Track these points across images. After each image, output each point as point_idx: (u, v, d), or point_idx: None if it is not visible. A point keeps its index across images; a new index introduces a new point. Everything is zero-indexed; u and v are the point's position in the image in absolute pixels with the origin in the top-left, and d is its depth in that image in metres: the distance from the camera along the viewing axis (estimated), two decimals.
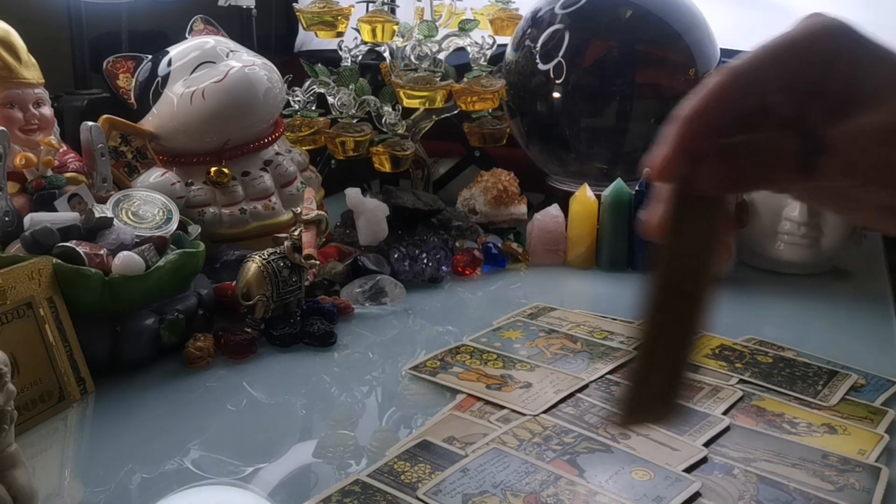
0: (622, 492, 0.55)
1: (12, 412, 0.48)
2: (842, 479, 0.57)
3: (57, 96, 1.08)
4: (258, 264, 0.79)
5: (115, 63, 0.98)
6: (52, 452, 0.63)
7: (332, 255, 0.97)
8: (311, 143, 1.13)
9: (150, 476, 0.59)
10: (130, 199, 0.83)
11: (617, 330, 0.83)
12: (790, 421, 0.65)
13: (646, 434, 0.63)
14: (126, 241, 0.76)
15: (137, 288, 0.73)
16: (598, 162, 1.16)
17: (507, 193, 1.11)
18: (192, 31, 1.03)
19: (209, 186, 0.94)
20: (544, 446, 0.61)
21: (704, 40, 1.13)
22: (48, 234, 0.72)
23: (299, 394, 0.72)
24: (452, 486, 0.55)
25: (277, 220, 0.96)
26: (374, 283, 0.92)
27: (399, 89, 1.11)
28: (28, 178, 0.81)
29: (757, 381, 0.72)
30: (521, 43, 1.16)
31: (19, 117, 0.83)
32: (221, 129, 0.94)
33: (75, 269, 0.70)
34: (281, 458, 0.60)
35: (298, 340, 0.81)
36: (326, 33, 1.19)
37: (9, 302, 0.65)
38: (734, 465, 0.59)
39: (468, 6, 1.24)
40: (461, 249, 1.02)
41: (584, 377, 0.72)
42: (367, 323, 0.87)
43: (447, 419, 0.65)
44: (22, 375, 0.64)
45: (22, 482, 0.49)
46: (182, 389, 0.72)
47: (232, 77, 0.93)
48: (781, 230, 0.99)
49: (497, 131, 1.20)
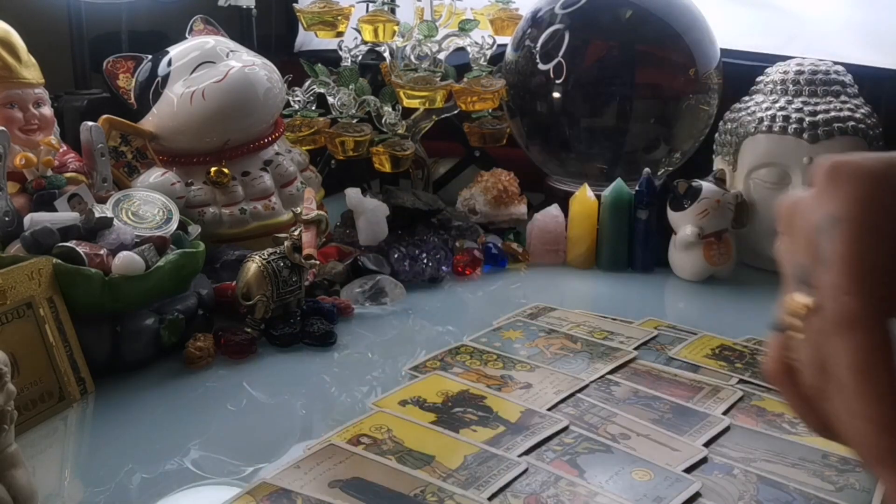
0: (622, 492, 0.55)
1: (12, 412, 0.48)
2: (842, 479, 0.57)
3: (57, 96, 1.08)
4: (258, 264, 0.79)
5: (115, 63, 0.98)
6: (52, 452, 0.63)
7: (332, 255, 0.97)
8: (311, 143, 1.13)
9: (150, 476, 0.59)
10: (130, 199, 0.83)
11: (617, 330, 0.83)
12: (790, 421, 0.65)
13: (646, 434, 0.63)
14: (126, 241, 0.76)
15: (137, 288, 0.73)
16: (598, 162, 1.16)
17: (507, 193, 1.11)
18: (192, 31, 1.03)
19: (209, 186, 0.94)
20: (544, 447, 0.61)
21: (704, 40, 1.13)
22: (48, 234, 0.72)
23: (299, 394, 0.72)
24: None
25: (277, 220, 0.96)
26: (374, 283, 0.92)
27: (399, 89, 1.11)
28: (28, 178, 0.81)
29: (757, 381, 0.72)
30: (521, 43, 1.16)
31: (19, 117, 0.83)
32: (221, 129, 0.94)
33: (75, 269, 0.70)
34: (281, 458, 0.60)
35: (298, 340, 0.81)
36: (326, 33, 1.19)
37: (9, 302, 0.65)
38: (734, 465, 0.59)
39: (468, 6, 1.24)
40: (461, 249, 1.02)
41: (584, 377, 0.72)
42: (367, 323, 0.87)
43: None
44: (22, 375, 0.64)
45: (22, 482, 0.49)
46: (182, 389, 0.72)
47: (232, 77, 0.93)
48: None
49: (497, 131, 1.20)
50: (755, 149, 1.00)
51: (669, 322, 0.85)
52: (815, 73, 1.00)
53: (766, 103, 1.00)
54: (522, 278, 1.02)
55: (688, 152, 1.17)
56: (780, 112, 0.98)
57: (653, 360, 0.77)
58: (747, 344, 0.80)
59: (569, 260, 1.05)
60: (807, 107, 0.98)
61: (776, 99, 1.00)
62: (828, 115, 0.96)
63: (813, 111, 0.97)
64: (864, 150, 0.96)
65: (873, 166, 0.28)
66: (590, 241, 1.04)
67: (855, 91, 1.01)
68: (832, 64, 1.02)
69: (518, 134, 1.21)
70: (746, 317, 0.88)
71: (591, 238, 1.04)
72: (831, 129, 0.96)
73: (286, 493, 0.54)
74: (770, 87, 1.02)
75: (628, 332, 0.82)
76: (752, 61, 1.17)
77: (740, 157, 1.01)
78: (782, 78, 1.01)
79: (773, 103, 1.00)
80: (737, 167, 1.02)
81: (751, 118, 1.00)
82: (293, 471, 0.56)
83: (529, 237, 1.07)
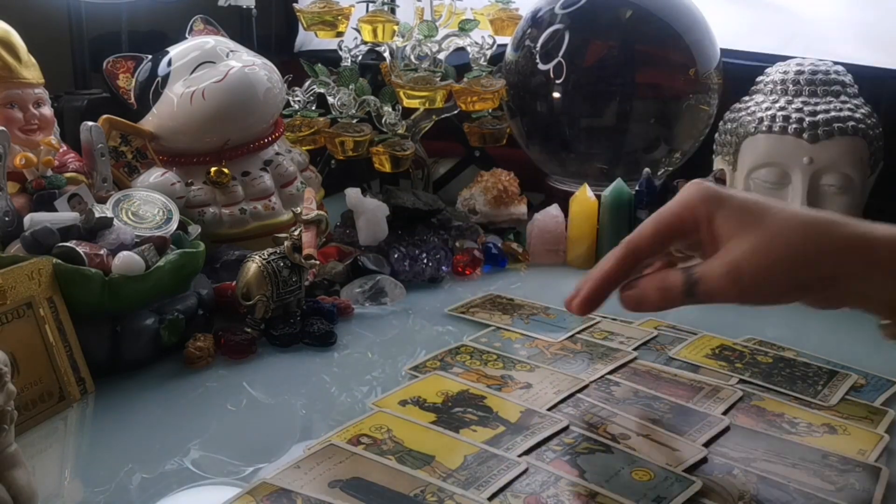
0: (622, 492, 0.55)
1: (12, 412, 0.48)
2: (842, 479, 0.57)
3: (57, 96, 1.08)
4: (258, 264, 0.79)
5: (115, 63, 0.98)
6: (52, 452, 0.63)
7: (332, 255, 0.97)
8: (311, 143, 1.13)
9: (150, 476, 0.59)
10: (130, 199, 0.83)
11: (617, 330, 0.83)
12: (790, 421, 0.65)
13: (646, 434, 0.63)
14: (126, 241, 0.76)
15: (137, 288, 0.73)
16: (598, 162, 1.16)
17: (507, 193, 1.11)
18: (192, 31, 1.03)
19: (209, 186, 0.94)
20: (544, 447, 0.61)
21: (704, 40, 1.13)
22: (48, 234, 0.72)
23: (299, 394, 0.72)
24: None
25: (277, 220, 0.96)
26: (374, 283, 0.92)
27: (399, 89, 1.11)
28: (28, 178, 0.81)
29: (757, 381, 0.72)
30: (521, 43, 1.16)
31: (19, 117, 0.83)
32: (221, 129, 0.94)
33: (75, 269, 0.70)
34: (281, 458, 0.60)
35: (298, 340, 0.81)
36: (326, 33, 1.19)
37: (9, 302, 0.65)
38: (734, 465, 0.59)
39: (468, 6, 1.24)
40: (461, 249, 1.02)
41: (584, 378, 0.72)
42: (367, 323, 0.87)
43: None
44: (22, 375, 0.64)
45: (22, 482, 0.49)
46: (182, 389, 0.72)
47: (232, 77, 0.93)
48: None
49: (497, 131, 1.20)
50: (755, 149, 0.99)
51: (669, 322, 0.85)
52: (815, 73, 1.00)
53: (766, 103, 1.00)
54: (522, 278, 1.02)
55: (688, 152, 1.17)
56: (780, 112, 0.98)
57: (653, 360, 0.77)
58: (747, 344, 0.80)
59: (569, 260, 1.05)
60: (807, 107, 0.98)
61: (776, 99, 1.00)
62: (828, 115, 0.96)
63: (813, 111, 0.97)
64: (864, 150, 0.97)
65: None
66: (590, 241, 1.04)
67: (855, 91, 1.01)
68: (832, 64, 1.02)
69: (518, 134, 1.21)
70: (746, 317, 0.88)
71: (591, 238, 1.04)
72: (831, 129, 0.96)
73: (286, 493, 0.54)
74: (770, 87, 1.02)
75: (628, 332, 0.82)
76: (752, 61, 1.17)
77: (740, 157, 1.01)
78: (782, 78, 1.01)
79: (773, 103, 1.00)
80: (737, 167, 1.02)
81: (751, 118, 1.00)
82: (293, 471, 0.56)
83: (529, 237, 1.07)
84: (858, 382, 0.72)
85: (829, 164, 0.96)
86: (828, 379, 0.73)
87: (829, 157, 0.95)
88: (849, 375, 0.73)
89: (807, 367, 0.75)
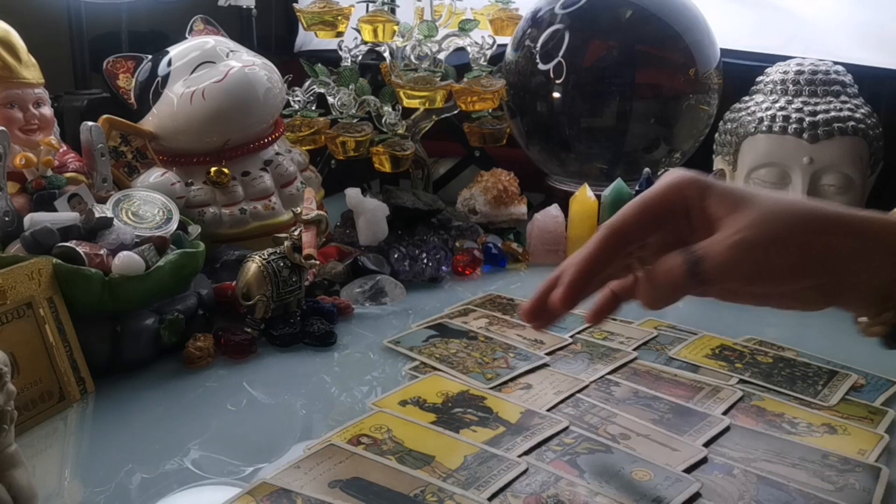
0: (622, 492, 0.55)
1: (12, 412, 0.48)
2: (842, 479, 0.57)
3: (57, 96, 1.08)
4: (258, 264, 0.79)
5: (115, 63, 0.98)
6: (52, 452, 0.63)
7: (332, 255, 0.97)
8: (311, 143, 1.13)
9: (150, 476, 0.59)
10: (130, 199, 0.83)
11: (617, 330, 0.83)
12: (790, 421, 0.65)
13: (646, 434, 0.63)
14: (126, 241, 0.76)
15: (137, 288, 0.73)
16: (598, 162, 1.16)
17: (507, 193, 1.11)
18: (192, 31, 1.03)
19: (209, 186, 0.94)
20: (544, 447, 0.61)
21: (704, 40, 1.13)
22: (48, 234, 0.72)
23: (299, 394, 0.72)
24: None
25: (277, 220, 0.96)
26: (374, 283, 0.92)
27: (399, 89, 1.11)
28: (28, 178, 0.81)
29: (757, 381, 0.72)
30: (521, 43, 1.16)
31: (19, 117, 0.84)
32: (221, 129, 0.94)
33: (75, 269, 0.70)
34: (281, 458, 0.60)
35: (298, 340, 0.81)
36: (326, 33, 1.19)
37: (9, 302, 0.65)
38: (734, 465, 0.59)
39: (468, 6, 1.24)
40: (461, 249, 1.02)
41: (584, 378, 0.72)
42: (367, 323, 0.87)
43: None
44: (22, 375, 0.64)
45: (22, 482, 0.49)
46: (182, 389, 0.72)
47: (232, 77, 0.93)
48: None
49: (497, 131, 1.20)
50: (755, 149, 1.00)
51: (669, 322, 0.85)
52: (815, 72, 1.00)
53: (766, 103, 1.00)
54: (522, 278, 1.02)
55: (688, 152, 1.17)
56: (780, 112, 0.98)
57: (653, 360, 0.77)
58: (747, 344, 0.80)
59: None
60: (807, 107, 0.98)
61: (776, 99, 1.00)
62: (828, 114, 0.96)
63: (813, 111, 0.97)
64: (864, 150, 0.97)
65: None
66: None
67: (855, 91, 1.01)
68: (832, 64, 1.02)
69: (518, 134, 1.21)
70: (746, 317, 0.88)
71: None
72: (831, 128, 0.96)
73: (286, 493, 0.54)
74: (770, 87, 1.02)
75: (628, 332, 0.82)
76: (752, 61, 1.18)
77: (740, 157, 1.01)
78: (782, 78, 1.01)
79: (773, 103, 1.00)
80: (737, 167, 1.02)
81: (751, 118, 1.00)
82: (293, 471, 0.56)
83: (529, 237, 1.07)
84: (858, 382, 0.72)
85: (829, 164, 0.96)
86: (828, 379, 0.73)
87: (829, 157, 0.96)
88: (849, 375, 0.73)
89: (807, 367, 0.75)
